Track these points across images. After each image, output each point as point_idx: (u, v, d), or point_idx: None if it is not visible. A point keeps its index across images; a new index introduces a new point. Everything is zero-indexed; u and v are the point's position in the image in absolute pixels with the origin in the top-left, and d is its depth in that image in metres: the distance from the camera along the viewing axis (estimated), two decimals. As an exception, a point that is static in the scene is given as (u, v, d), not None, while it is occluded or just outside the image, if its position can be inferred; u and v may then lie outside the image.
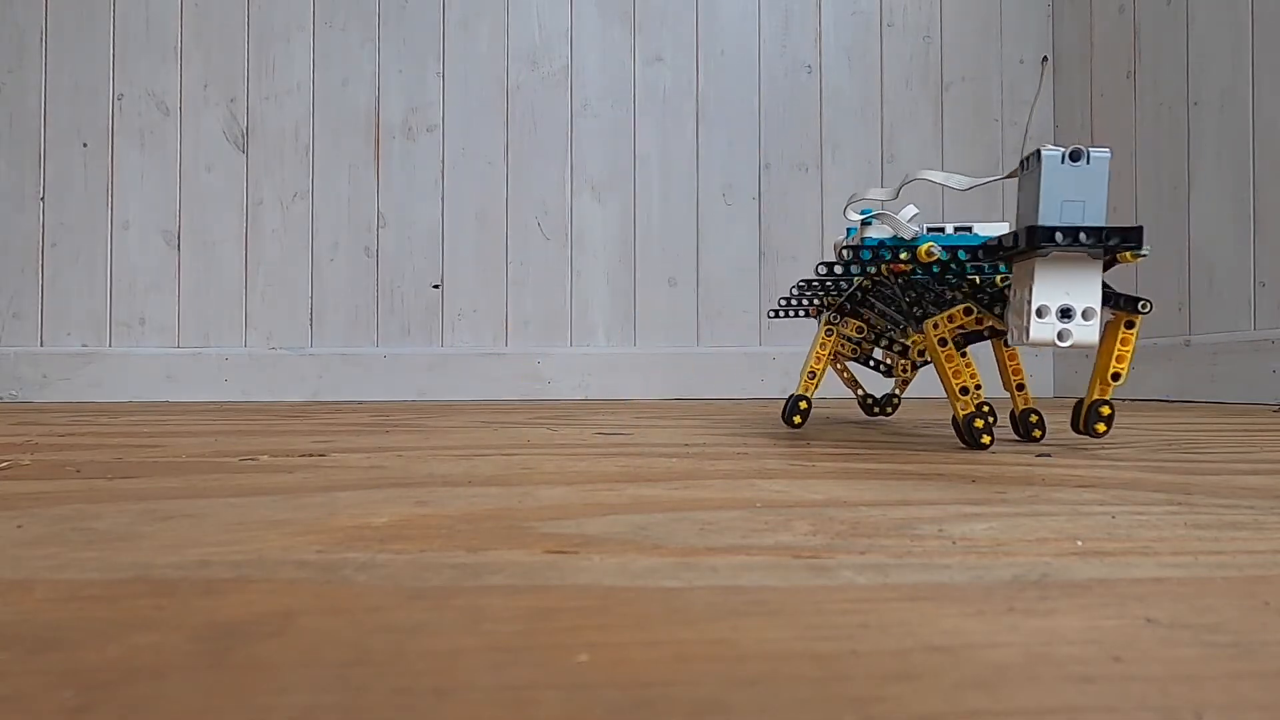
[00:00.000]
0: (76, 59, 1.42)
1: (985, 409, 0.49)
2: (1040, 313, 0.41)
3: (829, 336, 0.63)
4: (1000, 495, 0.32)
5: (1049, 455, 0.48)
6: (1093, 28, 1.49)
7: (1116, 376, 0.48)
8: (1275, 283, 1.12)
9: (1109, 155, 0.41)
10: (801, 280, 0.67)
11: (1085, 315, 0.42)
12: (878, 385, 1.48)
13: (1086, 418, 0.50)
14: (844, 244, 0.57)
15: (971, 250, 0.47)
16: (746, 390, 1.50)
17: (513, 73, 1.49)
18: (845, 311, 0.63)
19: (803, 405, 0.61)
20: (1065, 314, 0.42)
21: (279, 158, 1.45)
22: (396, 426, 0.73)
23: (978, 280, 0.56)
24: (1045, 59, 1.60)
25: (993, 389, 1.27)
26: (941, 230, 0.57)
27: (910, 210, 0.58)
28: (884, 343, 0.66)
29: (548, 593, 0.18)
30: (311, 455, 0.47)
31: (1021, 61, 1.59)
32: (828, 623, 0.16)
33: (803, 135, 1.54)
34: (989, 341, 0.54)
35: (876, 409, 0.78)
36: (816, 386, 0.62)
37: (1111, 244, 0.40)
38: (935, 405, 1.20)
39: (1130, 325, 0.46)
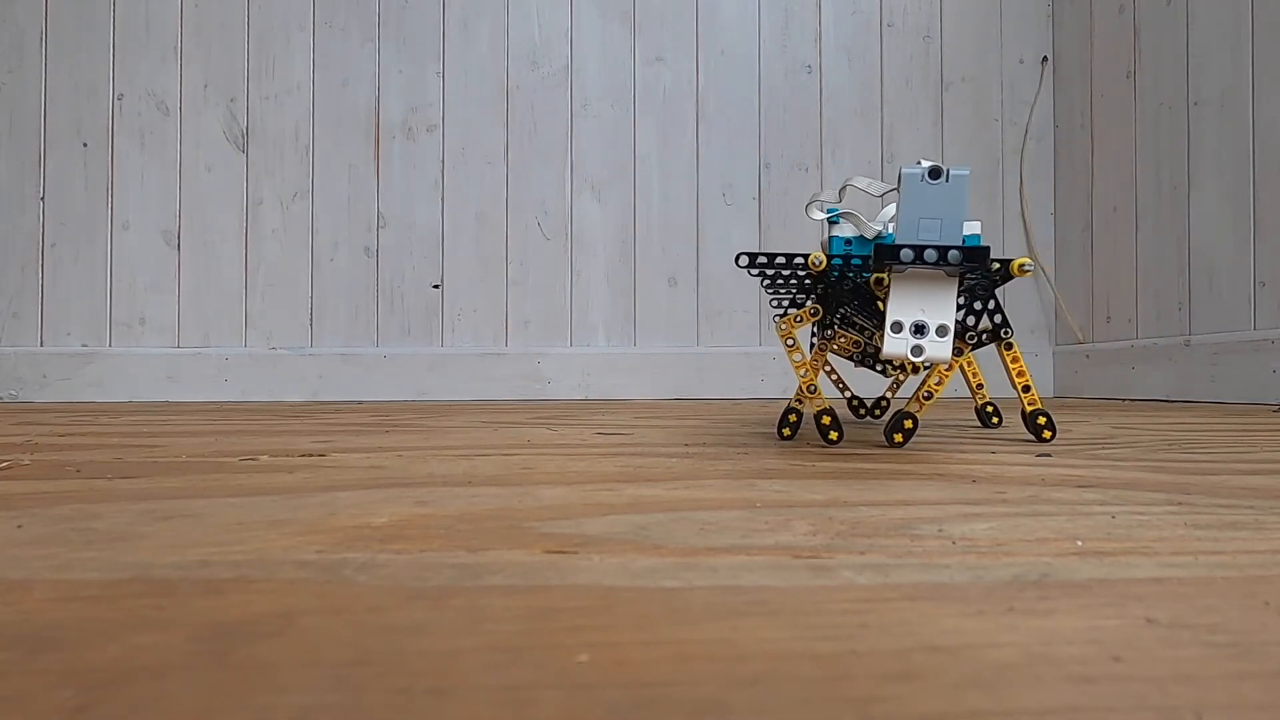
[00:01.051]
0: (76, 59, 1.42)
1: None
2: (895, 328, 0.42)
3: (821, 348, 0.62)
4: (1000, 495, 0.32)
5: (1049, 455, 0.48)
6: (1093, 28, 1.49)
7: (1027, 389, 0.53)
8: (1275, 283, 1.12)
9: (968, 173, 0.41)
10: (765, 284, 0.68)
11: (939, 332, 0.42)
12: (865, 387, 1.48)
13: (1029, 424, 0.54)
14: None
15: (864, 259, 0.48)
16: (746, 390, 1.50)
17: (513, 73, 1.49)
18: (836, 316, 0.63)
19: (792, 418, 0.59)
20: (919, 330, 0.42)
21: (279, 158, 1.45)
22: (396, 426, 0.73)
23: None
24: (1045, 59, 1.60)
25: (1000, 389, 1.26)
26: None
27: (892, 210, 0.59)
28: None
29: (548, 593, 0.18)
30: (311, 455, 0.47)
31: (1021, 61, 1.59)
32: (828, 623, 0.16)
33: (803, 135, 1.54)
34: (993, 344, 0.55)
35: (864, 411, 0.78)
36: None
37: (953, 264, 0.40)
38: (939, 406, 1.20)
39: (1008, 348, 0.50)
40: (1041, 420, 0.55)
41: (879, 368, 0.64)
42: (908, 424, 0.51)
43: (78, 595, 0.18)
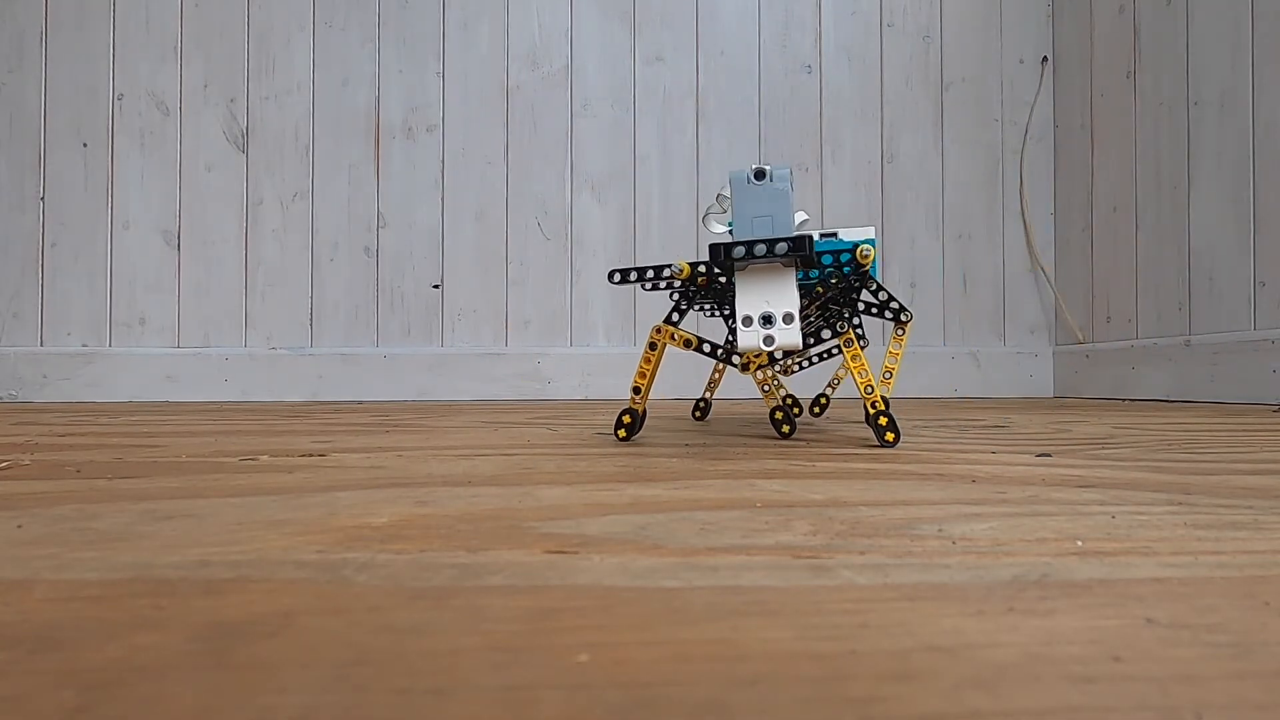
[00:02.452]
0: (76, 59, 1.42)
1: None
2: (745, 322, 0.44)
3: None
4: (1000, 495, 0.32)
5: (1049, 455, 0.48)
6: (1093, 28, 1.49)
7: (870, 389, 0.53)
8: (1275, 283, 1.12)
9: (789, 171, 0.44)
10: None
11: (785, 319, 0.44)
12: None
13: (872, 426, 0.54)
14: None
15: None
16: (746, 390, 1.50)
17: (513, 73, 1.49)
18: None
19: (627, 419, 0.55)
20: (767, 320, 0.44)
21: (279, 158, 1.45)
22: (396, 426, 0.73)
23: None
24: (1045, 59, 1.60)
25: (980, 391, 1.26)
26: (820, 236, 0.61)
27: (801, 215, 0.60)
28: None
29: (548, 593, 0.18)
30: (311, 455, 0.47)
31: (1021, 61, 1.59)
32: (828, 623, 0.16)
33: (803, 135, 1.54)
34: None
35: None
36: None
37: (783, 253, 0.43)
38: (928, 406, 1.20)
39: (900, 331, 0.52)
40: (883, 421, 0.54)
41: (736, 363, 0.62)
42: (884, 420, 0.52)
43: (78, 595, 0.18)
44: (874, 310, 0.62)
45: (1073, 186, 1.55)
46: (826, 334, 0.53)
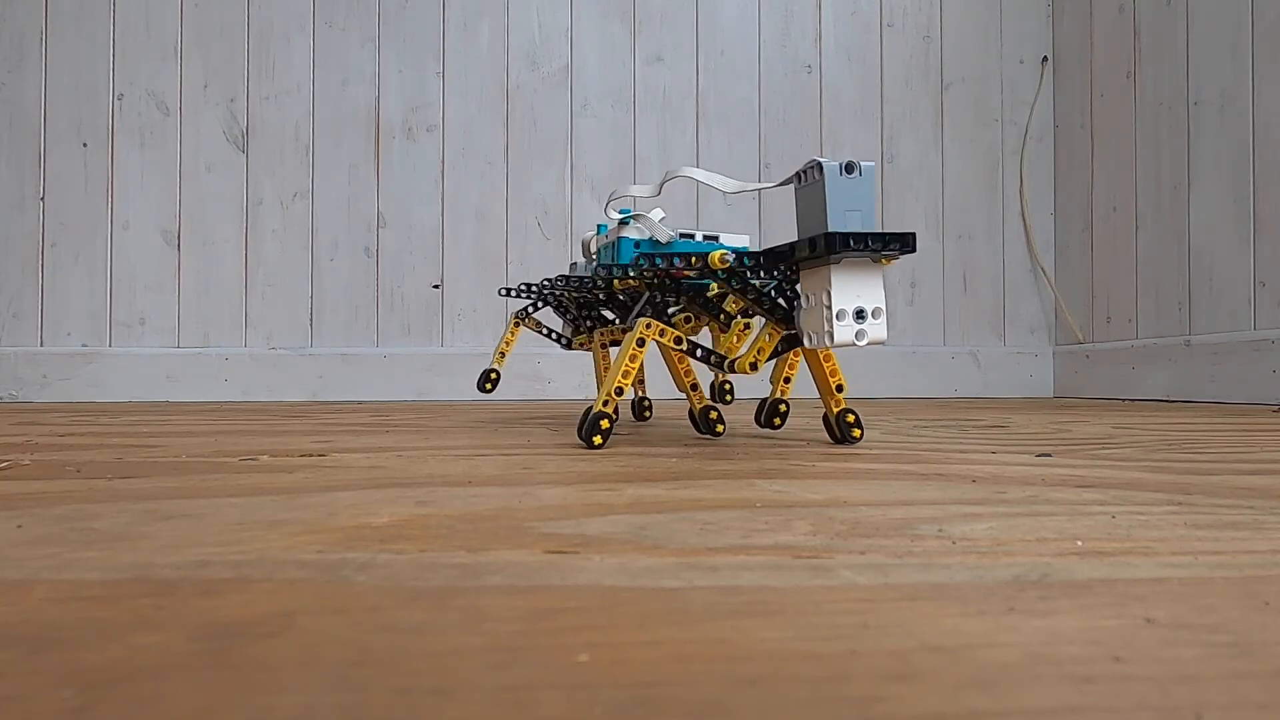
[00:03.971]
0: (76, 59, 1.42)
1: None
2: (840, 315, 0.44)
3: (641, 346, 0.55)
4: (1000, 495, 0.32)
5: (1049, 455, 0.48)
6: (1093, 28, 1.49)
7: (840, 388, 0.54)
8: (1275, 283, 1.12)
9: (874, 166, 0.44)
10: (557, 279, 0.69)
11: (874, 314, 0.44)
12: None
13: (839, 426, 0.54)
14: (604, 240, 0.62)
15: (756, 257, 0.48)
16: (746, 390, 1.50)
17: (513, 73, 1.49)
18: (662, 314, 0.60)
19: (604, 424, 0.51)
20: (859, 315, 0.44)
21: (279, 158, 1.45)
22: (396, 426, 0.73)
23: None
24: (1045, 59, 1.60)
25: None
26: (691, 236, 0.60)
27: (658, 213, 0.60)
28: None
29: (548, 593, 0.18)
30: (311, 455, 0.47)
31: (1021, 61, 1.59)
32: (828, 623, 0.16)
33: (803, 135, 1.54)
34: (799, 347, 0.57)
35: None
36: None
37: (892, 249, 0.43)
38: (928, 406, 1.20)
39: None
40: (851, 418, 0.55)
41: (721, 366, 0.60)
42: (851, 418, 0.54)
43: (78, 595, 0.18)
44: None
45: (1073, 186, 1.55)
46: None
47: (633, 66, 1.51)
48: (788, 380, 0.58)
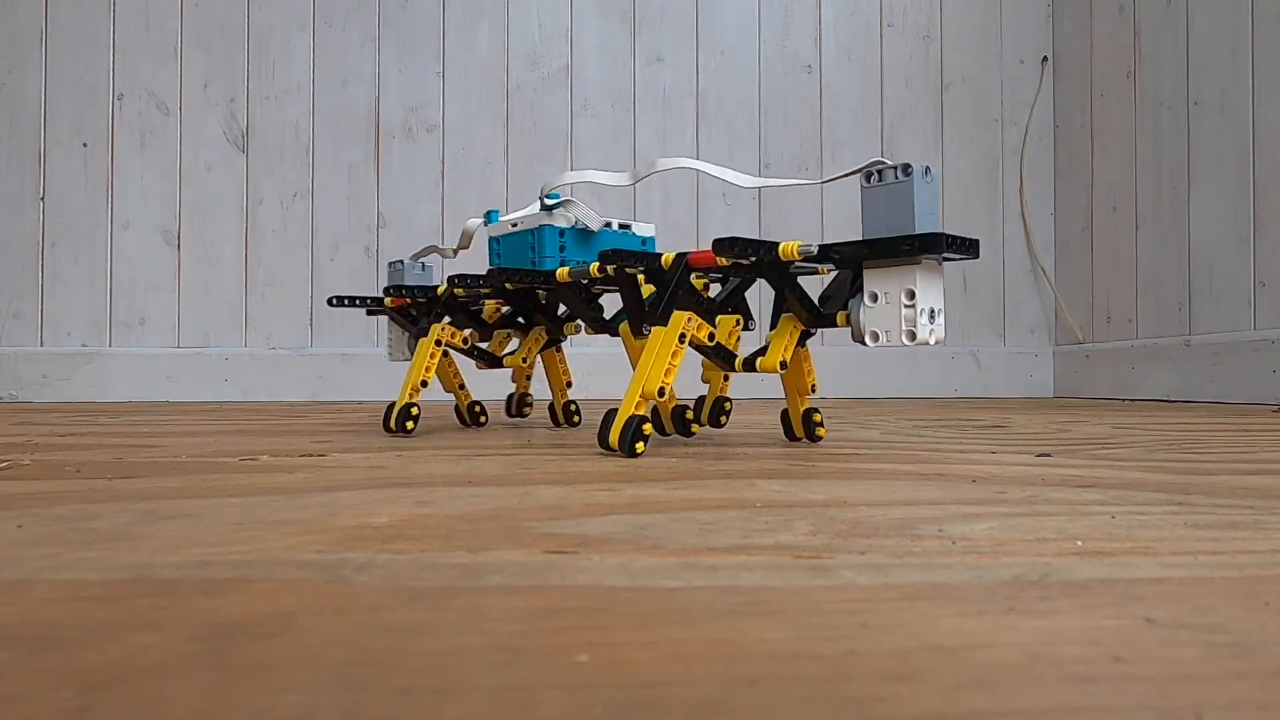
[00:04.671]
0: (76, 59, 1.42)
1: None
2: (922, 314, 0.45)
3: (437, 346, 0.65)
4: (1000, 495, 0.32)
5: (1049, 455, 0.48)
6: (1093, 28, 1.49)
7: (814, 388, 0.55)
8: (1275, 283, 1.12)
9: (931, 169, 0.45)
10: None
11: (937, 314, 0.46)
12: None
13: (806, 425, 0.55)
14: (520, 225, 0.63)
15: (825, 249, 0.48)
16: (746, 390, 1.50)
17: (513, 73, 1.49)
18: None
19: (647, 429, 0.48)
20: (931, 314, 0.45)
21: (279, 158, 1.45)
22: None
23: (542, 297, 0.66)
24: (1045, 59, 1.60)
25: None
26: (609, 225, 0.62)
27: (583, 209, 0.62)
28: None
29: (548, 593, 0.18)
30: (311, 455, 0.47)
31: (1021, 61, 1.59)
32: (828, 623, 0.16)
33: (803, 135, 1.54)
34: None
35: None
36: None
37: (973, 252, 0.44)
38: (928, 406, 1.20)
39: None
40: (818, 418, 0.56)
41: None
42: (818, 417, 0.55)
43: (78, 595, 0.18)
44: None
45: (1073, 186, 1.55)
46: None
47: (633, 66, 1.51)
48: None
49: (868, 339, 0.45)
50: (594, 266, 0.53)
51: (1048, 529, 0.25)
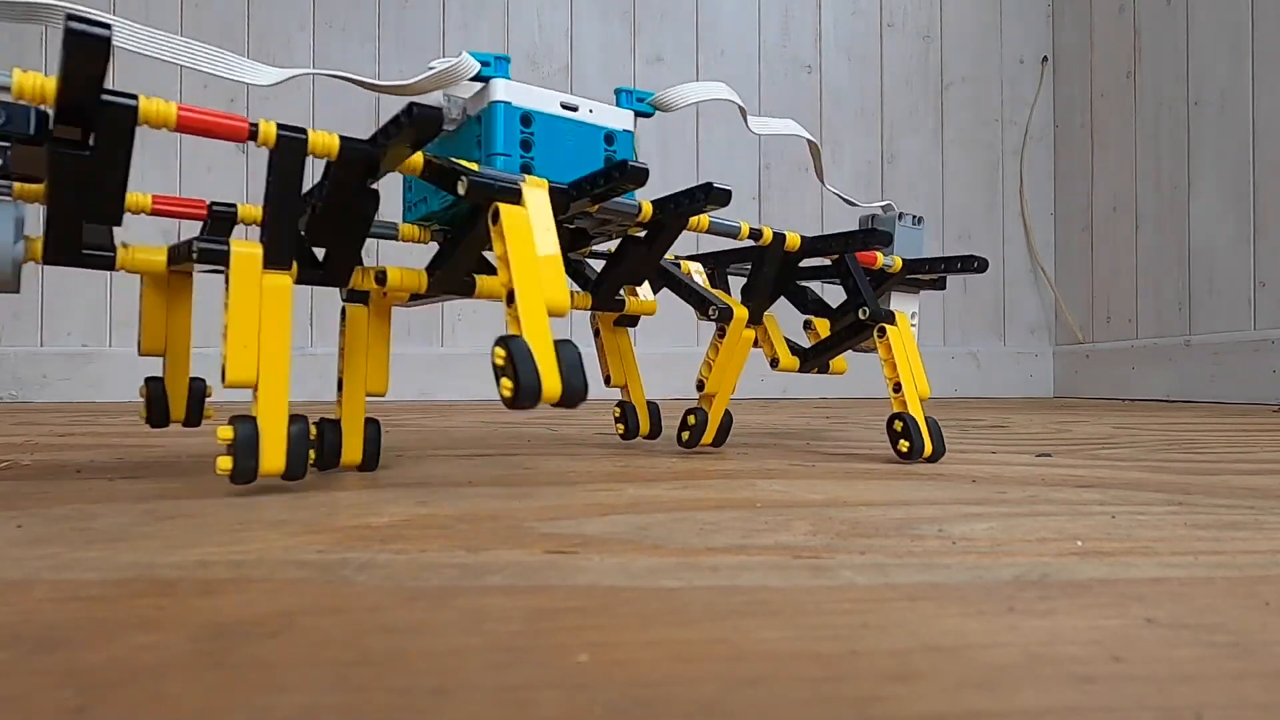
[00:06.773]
0: (76, 59, 1.42)
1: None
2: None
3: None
4: (1000, 495, 0.32)
5: (1049, 455, 0.48)
6: (1093, 28, 1.49)
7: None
8: (1275, 283, 1.12)
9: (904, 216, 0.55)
10: None
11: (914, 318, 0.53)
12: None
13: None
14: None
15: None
16: (746, 390, 1.50)
17: (513, 73, 1.49)
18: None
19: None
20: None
21: (279, 158, 1.45)
22: (397, 426, 0.73)
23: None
24: (1045, 59, 1.59)
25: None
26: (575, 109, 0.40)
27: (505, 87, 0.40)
28: None
29: (548, 593, 0.18)
30: (311, 455, 0.47)
31: (1021, 61, 1.59)
32: (828, 623, 0.16)
33: (803, 135, 1.54)
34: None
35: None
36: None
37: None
38: (928, 406, 1.20)
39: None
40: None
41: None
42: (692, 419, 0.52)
43: (78, 595, 0.18)
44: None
45: (1073, 186, 1.55)
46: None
47: (633, 66, 1.51)
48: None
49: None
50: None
51: (1048, 529, 0.25)
